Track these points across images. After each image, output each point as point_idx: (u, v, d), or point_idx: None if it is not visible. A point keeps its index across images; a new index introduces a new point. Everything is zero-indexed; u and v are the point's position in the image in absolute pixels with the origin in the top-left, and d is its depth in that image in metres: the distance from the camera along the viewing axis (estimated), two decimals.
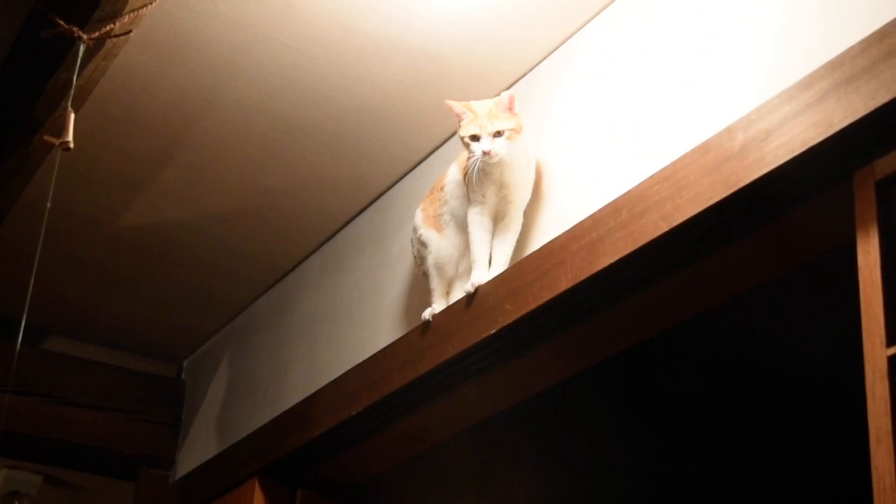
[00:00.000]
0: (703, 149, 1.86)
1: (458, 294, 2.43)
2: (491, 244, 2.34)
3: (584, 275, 2.04)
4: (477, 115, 2.24)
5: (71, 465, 4.02)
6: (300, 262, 3.32)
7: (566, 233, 2.13)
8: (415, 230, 2.54)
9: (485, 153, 2.22)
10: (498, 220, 2.34)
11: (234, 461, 3.19)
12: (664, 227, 1.88)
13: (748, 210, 1.80)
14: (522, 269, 2.22)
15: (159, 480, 3.76)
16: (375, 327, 2.83)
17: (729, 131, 1.82)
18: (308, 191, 3.00)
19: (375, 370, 2.61)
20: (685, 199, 1.85)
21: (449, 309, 2.41)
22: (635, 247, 1.93)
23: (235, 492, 3.10)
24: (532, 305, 2.15)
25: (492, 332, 2.24)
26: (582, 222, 2.10)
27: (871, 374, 1.52)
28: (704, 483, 3.56)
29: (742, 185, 1.76)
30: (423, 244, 2.50)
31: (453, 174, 2.46)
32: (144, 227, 3.19)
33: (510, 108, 2.25)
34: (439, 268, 2.48)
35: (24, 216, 3.01)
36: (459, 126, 2.27)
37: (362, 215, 3.07)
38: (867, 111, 1.59)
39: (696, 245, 1.90)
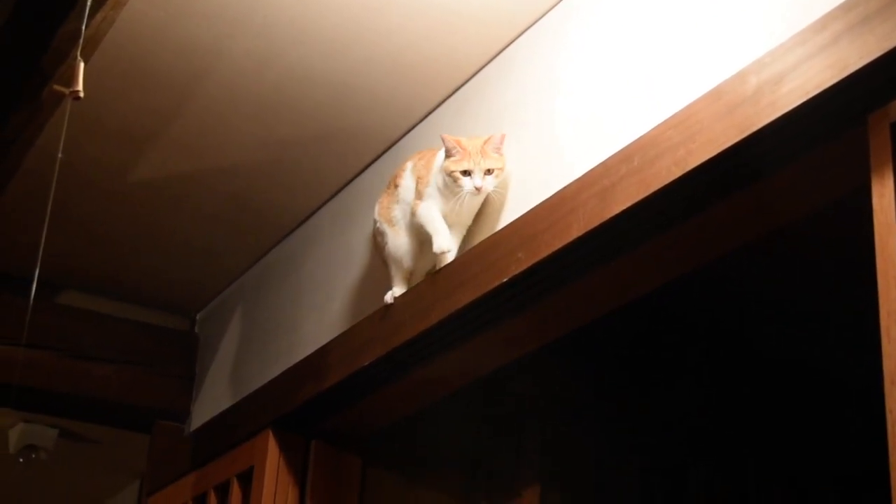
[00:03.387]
0: (716, 93, 1.85)
1: (420, 276, 2.57)
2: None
3: (596, 222, 2.03)
4: (468, 152, 2.35)
5: (86, 418, 4.06)
6: (311, 214, 3.32)
7: (577, 180, 2.12)
8: (374, 220, 2.67)
9: (476, 189, 2.35)
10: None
11: (247, 413, 3.20)
12: (677, 173, 1.87)
13: (762, 154, 1.79)
14: (534, 218, 2.21)
15: (174, 432, 3.78)
16: (387, 278, 2.82)
17: (742, 75, 1.80)
18: (319, 142, 2.99)
19: (387, 320, 2.61)
20: (698, 143, 1.83)
21: (461, 258, 2.41)
22: (648, 192, 1.92)
23: (249, 443, 3.12)
24: (544, 253, 2.15)
25: (504, 280, 2.23)
26: (593, 169, 2.09)
27: (885, 316, 1.51)
28: (717, 432, 3.56)
29: (755, 129, 1.74)
30: (381, 234, 2.63)
31: (408, 182, 2.56)
32: (156, 179, 3.18)
33: (499, 148, 2.36)
34: (396, 260, 2.60)
35: (34, 170, 3.00)
36: (448, 160, 2.38)
37: (373, 166, 3.06)
38: (882, 52, 1.57)
39: (710, 190, 1.89)
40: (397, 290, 2.61)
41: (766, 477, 3.57)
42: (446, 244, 2.43)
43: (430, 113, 2.85)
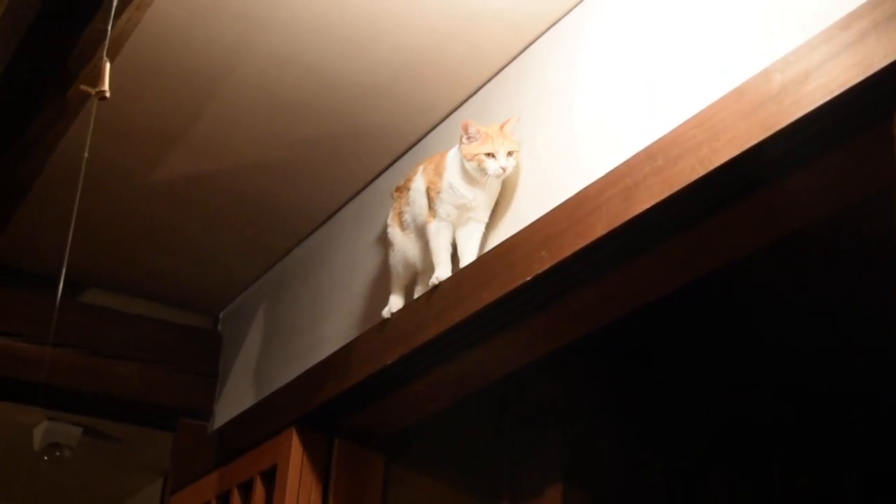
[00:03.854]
0: (740, 92, 1.84)
1: (421, 289, 2.63)
2: (453, 243, 2.54)
3: (619, 221, 2.03)
4: (490, 136, 2.43)
5: (110, 416, 4.07)
6: (334, 213, 3.32)
7: (601, 179, 2.12)
8: (385, 225, 2.74)
9: (502, 169, 2.42)
10: (458, 226, 2.54)
11: (271, 411, 3.21)
12: (701, 171, 1.86)
13: (786, 153, 1.78)
14: (557, 217, 2.21)
15: (197, 431, 3.79)
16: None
17: (766, 73, 1.80)
18: (341, 141, 2.99)
19: (410, 320, 2.61)
20: (722, 142, 1.83)
21: (484, 257, 2.41)
22: (672, 191, 1.91)
23: (272, 441, 3.12)
24: (567, 252, 2.15)
25: (527, 279, 2.23)
26: (617, 168, 2.09)
27: None
28: (739, 432, 3.55)
29: (779, 127, 1.74)
30: (389, 241, 2.70)
31: (419, 185, 2.61)
32: (179, 178, 3.19)
33: (514, 131, 2.46)
34: (403, 264, 2.67)
35: (60, 169, 3.02)
36: (471, 145, 2.44)
37: (394, 166, 3.07)
38: None
39: (734, 189, 1.89)
40: (394, 302, 2.69)
41: (789, 476, 3.55)
42: (444, 275, 2.51)
43: (451, 112, 2.86)
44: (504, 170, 2.42)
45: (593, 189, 2.12)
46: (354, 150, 3.03)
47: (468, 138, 2.45)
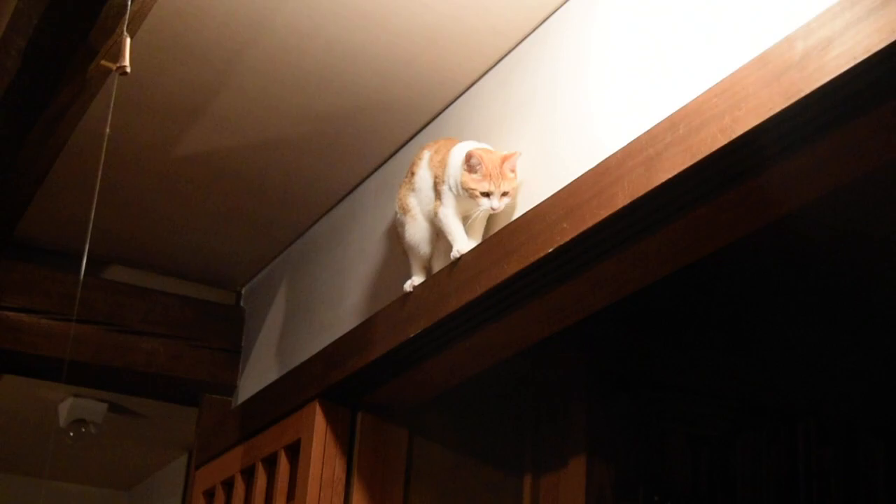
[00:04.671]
0: (762, 60, 1.83)
1: (439, 265, 2.63)
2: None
3: (641, 191, 2.02)
4: (488, 171, 2.44)
5: (134, 391, 4.10)
6: (355, 187, 3.33)
7: (622, 149, 2.11)
8: (395, 211, 2.76)
9: (493, 209, 2.46)
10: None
11: (294, 385, 3.22)
12: (723, 140, 1.85)
13: (810, 120, 1.77)
14: (579, 188, 2.21)
15: (221, 405, 3.81)
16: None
17: (789, 41, 1.78)
18: (361, 115, 2.99)
19: (432, 292, 2.61)
20: (744, 111, 1.82)
21: (506, 228, 2.41)
22: (694, 160, 1.91)
23: (296, 415, 3.14)
24: (589, 223, 2.14)
25: (549, 250, 2.23)
26: (638, 138, 2.08)
27: None
28: (766, 400, 3.55)
29: (803, 94, 1.72)
30: (400, 224, 2.71)
31: (424, 173, 2.64)
32: (201, 154, 3.20)
33: (514, 168, 2.46)
34: (413, 248, 2.68)
35: (82, 146, 3.04)
36: (469, 175, 2.46)
37: (416, 138, 3.06)
38: None
39: (757, 157, 1.88)
40: (416, 278, 2.69)
41: (815, 445, 3.55)
42: (465, 248, 2.52)
43: (472, 85, 2.85)
44: (494, 210, 2.45)
45: (614, 159, 2.12)
46: (375, 124, 3.03)
47: (469, 167, 2.47)
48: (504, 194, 2.45)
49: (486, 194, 2.45)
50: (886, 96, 1.70)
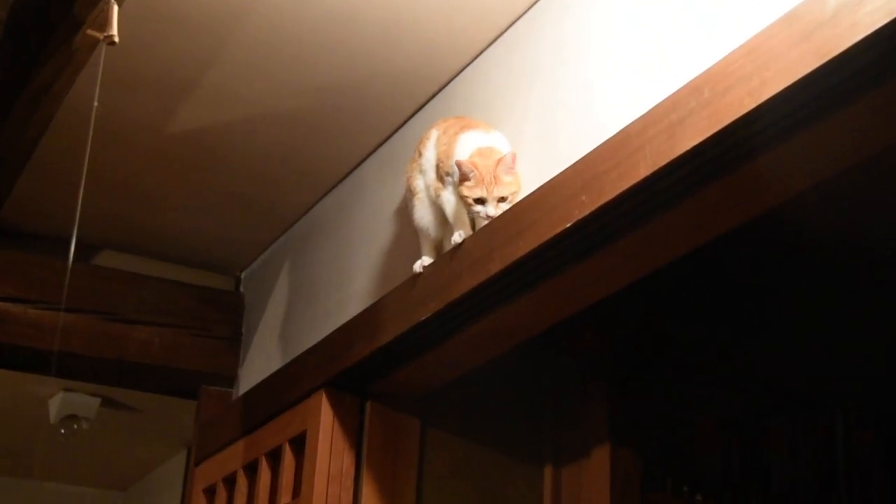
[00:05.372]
0: (791, 17, 1.82)
1: (447, 246, 2.64)
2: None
3: (664, 160, 2.02)
4: (482, 177, 2.45)
5: (128, 384, 4.12)
6: (360, 163, 3.33)
7: (643, 117, 2.11)
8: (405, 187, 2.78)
9: (488, 216, 2.46)
10: None
11: (298, 374, 3.23)
12: (751, 104, 1.85)
13: (843, 81, 1.77)
14: (597, 158, 2.21)
15: (221, 397, 3.83)
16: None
17: None
18: (363, 87, 2.99)
19: (443, 273, 2.62)
20: (773, 72, 1.82)
21: (520, 203, 2.41)
22: (720, 126, 1.90)
23: (301, 406, 3.15)
24: (609, 196, 2.14)
25: (567, 225, 2.23)
26: (660, 104, 2.08)
27: None
28: (801, 382, 3.55)
29: (835, 53, 1.72)
30: (409, 204, 2.73)
31: (430, 154, 2.65)
32: (195, 131, 3.21)
33: (512, 168, 2.46)
34: (421, 229, 2.70)
35: (69, 123, 3.04)
36: (463, 184, 2.47)
37: (422, 111, 3.07)
38: None
39: (788, 121, 1.87)
40: (426, 258, 2.70)
41: (854, 430, 3.56)
42: (466, 232, 2.55)
43: (480, 52, 2.85)
44: (489, 217, 2.46)
45: (635, 127, 2.12)
46: (379, 95, 3.03)
47: (462, 175, 2.48)
48: (501, 200, 2.45)
49: (481, 201, 2.46)
50: None
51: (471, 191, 2.47)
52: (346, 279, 3.27)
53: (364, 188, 3.30)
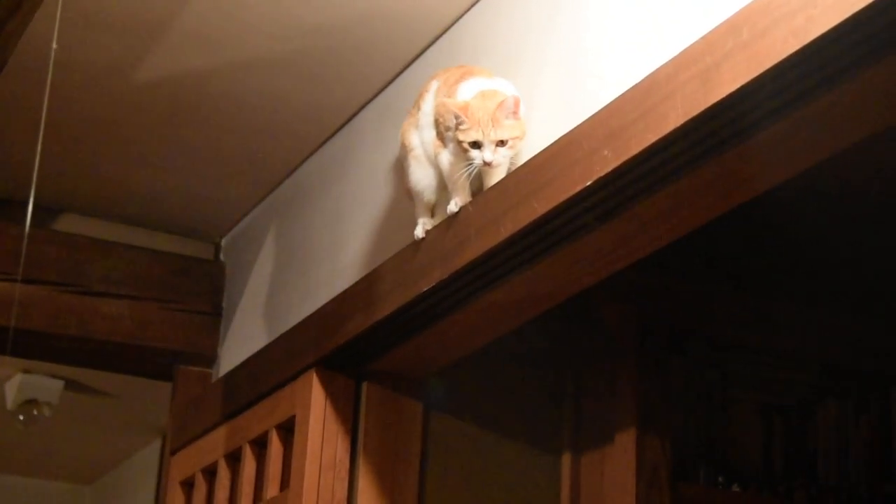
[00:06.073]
0: None
1: (441, 214, 2.67)
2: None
3: (697, 109, 2.02)
4: (476, 119, 2.44)
5: (95, 365, 4.15)
6: (355, 114, 3.33)
7: (674, 59, 2.11)
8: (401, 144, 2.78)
9: (486, 163, 2.45)
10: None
11: (286, 352, 3.25)
12: (795, 45, 1.84)
13: None
14: (622, 107, 2.21)
15: (200, 379, 3.84)
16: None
17: None
18: (359, 27, 2.99)
19: (448, 237, 2.62)
20: (821, 8, 1.81)
21: (536, 158, 2.41)
22: (760, 71, 1.90)
23: (290, 388, 3.17)
24: (635, 150, 2.14)
25: (587, 184, 2.23)
26: (693, 46, 2.08)
27: None
28: (852, 364, 3.56)
29: None
30: (404, 163, 2.74)
31: (429, 107, 2.66)
32: (168, 78, 3.21)
33: (515, 113, 2.45)
34: (419, 194, 2.71)
35: (24, 71, 3.04)
36: (456, 128, 2.47)
37: (425, 55, 3.07)
38: None
39: (838, 64, 1.87)
40: (426, 221, 2.71)
41: None
42: (463, 201, 2.56)
43: None
44: (488, 164, 2.46)
45: (665, 72, 2.11)
46: (375, 38, 3.03)
47: (456, 120, 2.48)
48: (500, 143, 2.45)
49: (476, 145, 2.45)
50: None
51: (465, 134, 2.46)
52: (339, 245, 3.28)
53: (360, 142, 3.30)
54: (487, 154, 2.44)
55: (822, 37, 1.82)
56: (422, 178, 2.70)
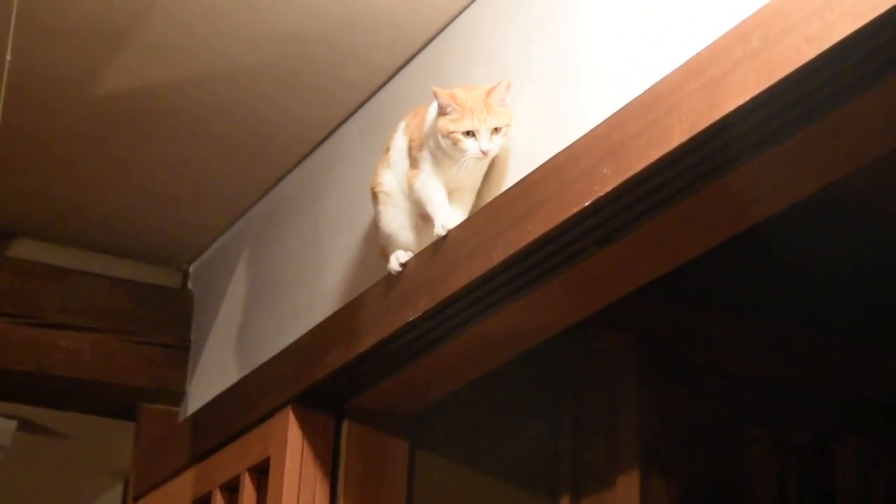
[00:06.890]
0: None
1: (425, 243, 2.69)
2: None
3: (704, 123, 2.03)
4: (467, 107, 2.47)
5: (52, 404, 4.13)
6: (334, 130, 3.34)
7: (679, 69, 2.12)
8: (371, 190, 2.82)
9: (483, 153, 2.48)
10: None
11: (260, 389, 3.25)
12: (810, 54, 1.85)
13: None
14: (623, 121, 2.22)
15: (166, 418, 3.84)
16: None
17: None
18: (341, 35, 3.00)
19: (436, 263, 2.63)
20: (838, 13, 1.82)
21: (529, 177, 2.42)
22: (772, 81, 1.91)
23: (264, 426, 3.17)
24: (637, 167, 2.15)
25: (585, 204, 2.24)
26: (699, 55, 2.09)
27: None
28: (873, 399, 3.57)
29: None
30: (375, 210, 2.78)
31: (400, 143, 2.70)
32: (131, 91, 3.21)
33: (503, 100, 2.49)
34: (391, 237, 2.75)
35: None
36: (444, 118, 2.49)
37: (411, 64, 3.08)
38: None
39: (855, 73, 1.88)
40: (400, 254, 2.72)
41: None
42: (450, 222, 2.57)
43: None
44: (485, 153, 2.48)
45: (669, 82, 2.12)
46: (358, 46, 3.04)
47: (441, 110, 2.50)
48: (495, 130, 2.47)
49: (470, 133, 2.47)
50: None
51: (456, 123, 2.48)
52: (317, 272, 3.29)
53: (340, 160, 3.31)
54: (484, 142, 2.46)
55: (839, 44, 1.83)
56: (394, 218, 2.73)
